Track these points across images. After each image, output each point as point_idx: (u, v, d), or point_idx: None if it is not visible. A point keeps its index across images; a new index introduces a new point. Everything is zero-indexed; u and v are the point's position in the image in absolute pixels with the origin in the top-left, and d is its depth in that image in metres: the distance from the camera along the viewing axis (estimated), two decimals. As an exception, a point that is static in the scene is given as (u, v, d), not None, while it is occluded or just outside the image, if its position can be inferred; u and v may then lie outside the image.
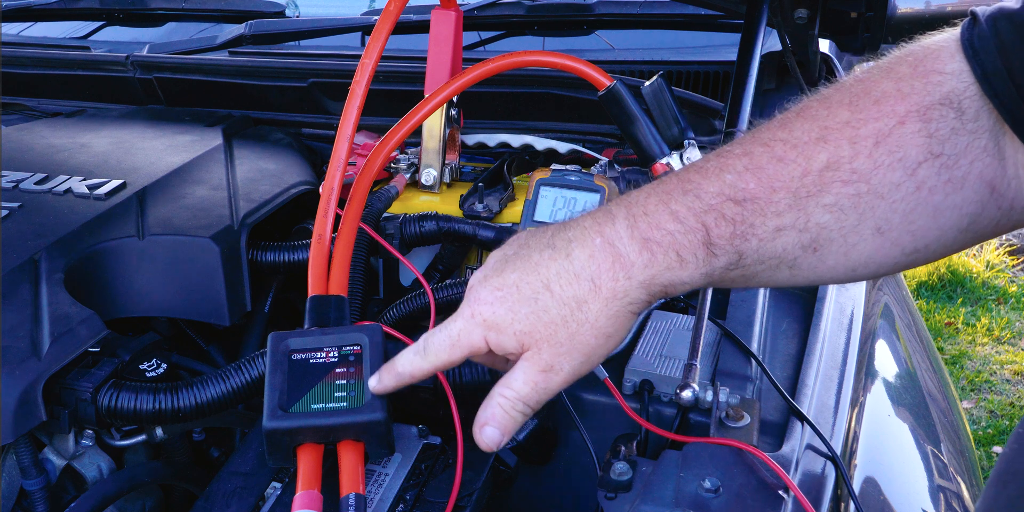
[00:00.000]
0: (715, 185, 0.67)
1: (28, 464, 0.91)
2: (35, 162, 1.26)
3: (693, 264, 0.67)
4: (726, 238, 0.66)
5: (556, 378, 0.71)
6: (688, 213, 0.67)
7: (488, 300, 0.71)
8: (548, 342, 0.69)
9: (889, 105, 0.64)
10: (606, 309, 0.68)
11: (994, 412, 2.95)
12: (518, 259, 0.72)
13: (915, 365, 1.38)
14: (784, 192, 0.66)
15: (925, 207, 0.65)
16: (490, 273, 0.73)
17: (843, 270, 0.69)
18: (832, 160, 0.65)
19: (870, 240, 0.66)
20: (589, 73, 1.18)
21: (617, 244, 0.68)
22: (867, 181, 0.64)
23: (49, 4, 1.88)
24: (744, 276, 0.69)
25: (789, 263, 0.68)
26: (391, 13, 1.08)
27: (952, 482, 1.18)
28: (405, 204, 1.34)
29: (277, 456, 0.81)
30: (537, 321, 0.69)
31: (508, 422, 0.72)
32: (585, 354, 0.70)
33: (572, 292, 0.69)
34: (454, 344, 0.73)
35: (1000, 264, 3.85)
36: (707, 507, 0.75)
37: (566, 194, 1.20)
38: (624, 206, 0.70)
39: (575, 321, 0.69)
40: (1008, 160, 0.63)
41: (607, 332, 0.70)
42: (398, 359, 0.78)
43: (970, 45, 0.63)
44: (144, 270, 1.07)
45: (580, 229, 0.70)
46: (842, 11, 1.35)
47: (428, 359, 0.75)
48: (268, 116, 1.60)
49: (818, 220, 0.66)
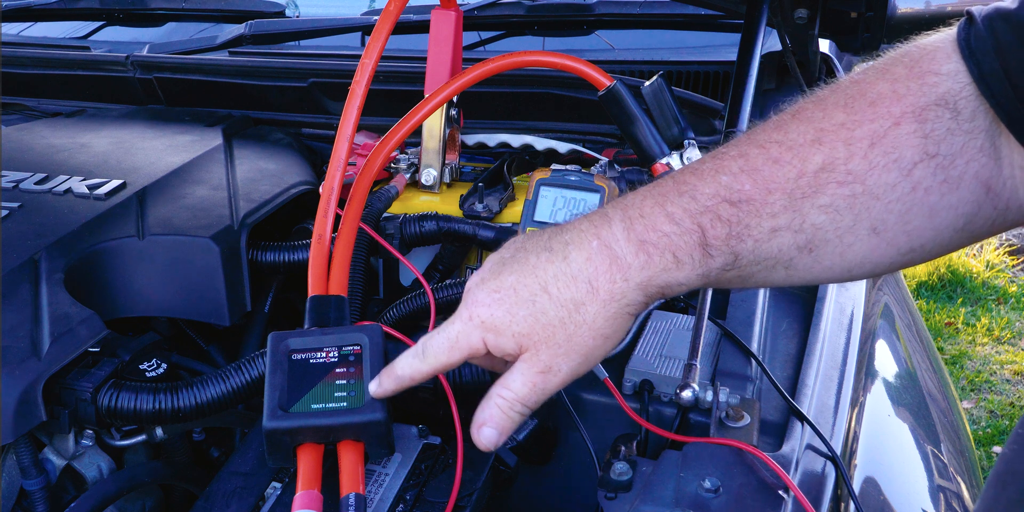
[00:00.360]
0: (711, 187, 0.67)
1: (28, 464, 0.91)
2: (35, 162, 1.26)
3: (689, 265, 0.67)
4: (722, 239, 0.67)
5: (554, 379, 0.71)
6: (684, 215, 0.67)
7: (486, 302, 0.72)
8: (546, 343, 0.70)
9: (885, 106, 0.65)
10: (604, 311, 0.69)
11: (994, 412, 2.95)
12: (515, 262, 0.72)
13: (915, 365, 1.38)
14: (780, 193, 0.66)
15: (921, 207, 0.65)
16: (487, 276, 0.73)
17: (839, 270, 0.69)
18: (827, 161, 0.65)
19: (866, 240, 0.66)
20: (589, 73, 1.18)
21: (614, 246, 0.69)
22: (862, 182, 0.65)
23: (49, 4, 1.88)
24: (740, 277, 0.69)
25: (785, 264, 0.68)
26: (391, 13, 1.08)
27: (952, 482, 1.18)
28: (405, 204, 1.34)
29: (277, 456, 0.81)
30: (535, 323, 0.70)
31: (506, 423, 0.72)
32: (583, 355, 0.71)
33: (570, 294, 0.69)
34: (452, 346, 0.73)
35: (1000, 264, 3.85)
36: (707, 507, 0.75)
37: (566, 194, 1.20)
38: (620, 209, 0.70)
39: (573, 323, 0.69)
40: (1004, 160, 0.63)
41: (605, 333, 0.70)
42: (397, 363, 0.78)
43: (966, 45, 0.63)
44: (144, 270, 1.07)
45: (577, 232, 0.71)
46: (842, 11, 1.35)
47: (427, 362, 0.75)
48: (268, 116, 1.60)
49: (814, 221, 0.66)
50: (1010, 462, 0.67)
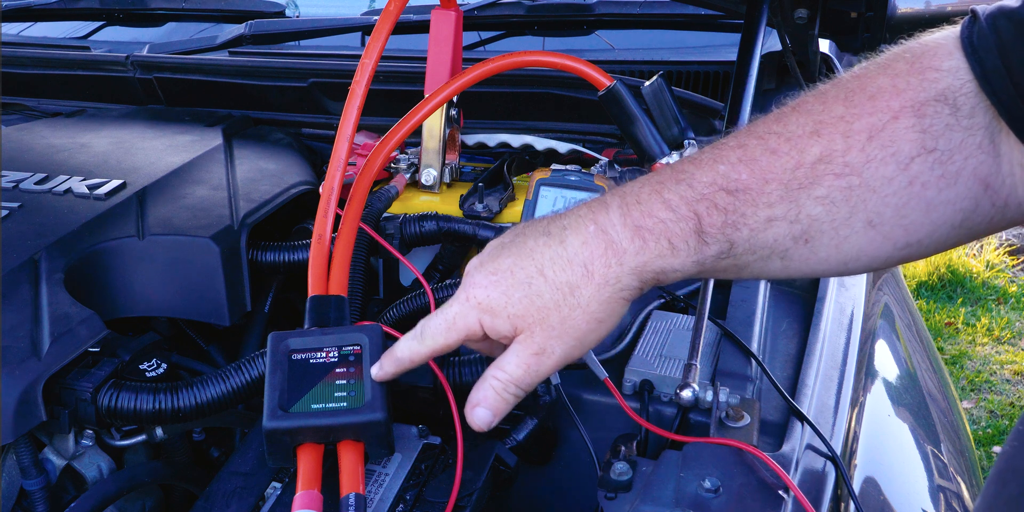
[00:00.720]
0: (708, 175, 0.68)
1: (28, 464, 0.91)
2: (35, 162, 1.26)
3: (684, 252, 0.68)
4: (717, 227, 0.67)
5: (548, 361, 0.72)
6: (680, 202, 0.68)
7: (483, 284, 0.73)
8: (540, 326, 0.71)
9: (884, 100, 0.65)
10: (598, 294, 0.70)
11: (994, 412, 2.95)
12: (514, 245, 0.74)
13: (915, 365, 1.38)
14: (776, 183, 0.67)
15: (918, 202, 0.65)
16: (486, 259, 0.75)
17: (835, 262, 0.69)
18: (825, 153, 0.66)
19: (862, 233, 0.67)
20: (589, 73, 1.18)
21: (610, 231, 0.70)
22: (859, 174, 0.65)
23: (49, 4, 1.88)
24: (736, 266, 0.70)
25: (781, 254, 0.69)
26: (391, 13, 1.08)
27: (952, 482, 1.18)
28: (405, 204, 1.34)
29: (277, 456, 0.81)
30: (530, 305, 0.71)
31: (500, 404, 0.74)
32: (577, 338, 0.72)
33: (565, 277, 0.70)
34: (450, 327, 0.74)
35: (1000, 264, 3.85)
36: (707, 507, 0.74)
37: (566, 194, 1.20)
38: (619, 195, 0.71)
39: (567, 306, 0.70)
40: (1003, 157, 0.64)
41: (599, 317, 0.71)
42: (397, 346, 0.79)
43: (969, 43, 0.63)
44: (144, 270, 1.07)
45: (575, 217, 0.72)
46: (842, 11, 1.35)
47: (425, 343, 0.76)
48: (268, 116, 1.60)
49: (809, 212, 0.67)
50: (1011, 459, 0.67)
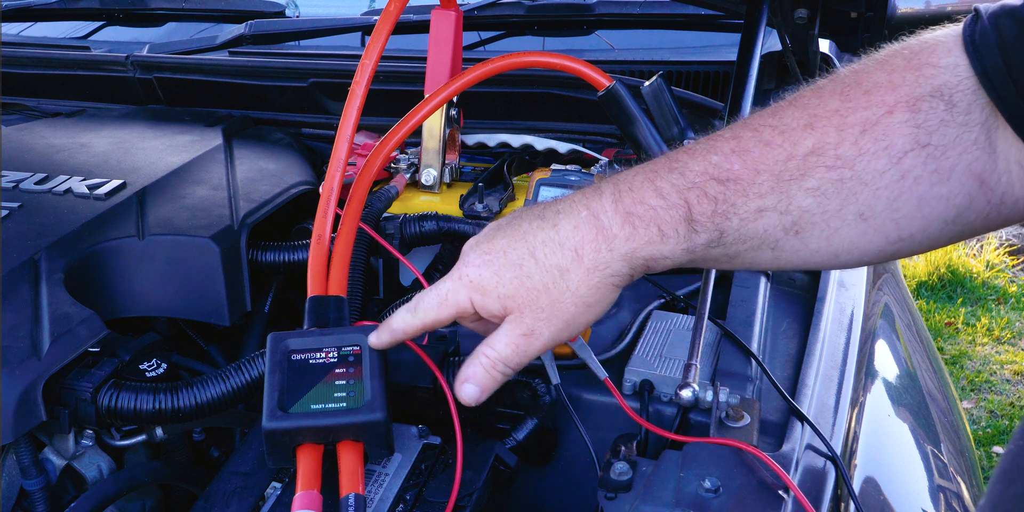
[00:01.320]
0: (700, 164, 0.69)
1: (28, 464, 0.91)
2: (35, 162, 1.26)
3: (674, 239, 0.69)
4: (707, 216, 0.68)
5: (536, 342, 0.74)
6: (671, 189, 0.69)
7: (476, 263, 0.75)
8: (530, 307, 0.72)
9: (879, 95, 0.65)
10: (587, 279, 0.71)
11: (994, 412, 2.95)
12: (509, 227, 0.75)
13: (915, 365, 1.38)
14: (767, 174, 0.67)
15: (910, 196, 0.65)
16: (482, 239, 0.77)
17: (826, 255, 0.70)
18: (817, 146, 0.66)
19: (853, 226, 0.67)
20: (588, 74, 1.18)
21: (601, 217, 0.71)
22: (851, 167, 0.65)
23: (49, 4, 1.88)
24: (727, 255, 0.71)
25: (771, 245, 0.69)
26: (391, 13, 1.08)
27: (952, 482, 1.18)
28: (405, 204, 1.34)
29: (277, 456, 0.81)
30: (520, 286, 0.72)
31: (487, 381, 0.75)
32: (565, 321, 0.73)
33: (555, 260, 0.71)
34: (442, 303, 0.76)
35: (1000, 264, 3.85)
36: (707, 507, 0.74)
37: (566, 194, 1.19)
38: (612, 182, 0.73)
39: (557, 289, 0.72)
40: (1000, 155, 0.64)
41: (587, 301, 0.72)
42: (393, 317, 0.81)
43: (971, 41, 0.64)
44: (144, 270, 1.07)
45: (569, 202, 0.74)
46: (842, 11, 1.35)
47: (418, 316, 0.78)
48: (268, 116, 1.60)
49: (800, 203, 0.67)
50: (1016, 458, 0.67)
